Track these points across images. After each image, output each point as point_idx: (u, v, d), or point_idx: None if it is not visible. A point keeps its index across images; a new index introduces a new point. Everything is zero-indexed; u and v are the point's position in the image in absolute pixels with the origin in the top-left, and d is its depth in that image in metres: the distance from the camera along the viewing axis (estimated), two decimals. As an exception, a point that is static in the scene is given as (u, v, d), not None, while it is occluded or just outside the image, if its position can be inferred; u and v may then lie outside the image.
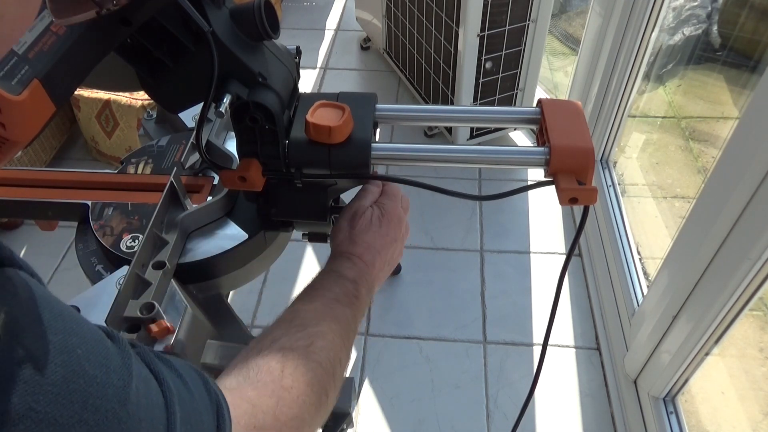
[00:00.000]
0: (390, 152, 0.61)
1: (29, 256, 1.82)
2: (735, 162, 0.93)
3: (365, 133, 0.59)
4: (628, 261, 1.54)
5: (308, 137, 0.58)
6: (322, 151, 0.58)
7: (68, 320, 0.29)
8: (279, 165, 0.59)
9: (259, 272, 0.80)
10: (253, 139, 0.58)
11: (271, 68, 0.57)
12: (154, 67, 0.54)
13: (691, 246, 1.06)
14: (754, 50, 2.21)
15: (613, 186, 1.75)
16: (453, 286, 1.70)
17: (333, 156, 0.58)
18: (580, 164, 0.55)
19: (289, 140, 0.59)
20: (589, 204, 0.56)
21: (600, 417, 1.43)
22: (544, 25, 1.77)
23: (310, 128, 0.57)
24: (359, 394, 1.48)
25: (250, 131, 0.58)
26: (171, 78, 0.55)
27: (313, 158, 0.59)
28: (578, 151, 0.56)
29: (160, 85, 0.56)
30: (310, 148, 0.58)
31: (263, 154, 0.59)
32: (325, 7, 2.95)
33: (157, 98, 0.59)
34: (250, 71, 0.54)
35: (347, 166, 0.59)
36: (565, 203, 0.55)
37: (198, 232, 0.73)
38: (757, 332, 1.50)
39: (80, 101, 1.94)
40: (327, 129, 0.56)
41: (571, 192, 0.54)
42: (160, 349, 0.59)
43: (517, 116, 0.66)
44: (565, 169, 0.56)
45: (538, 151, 0.57)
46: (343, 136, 0.57)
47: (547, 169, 0.57)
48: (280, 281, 1.72)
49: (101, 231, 0.72)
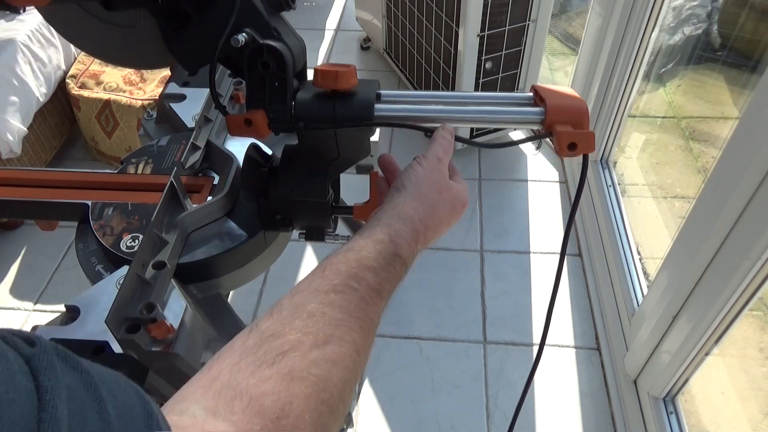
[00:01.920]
0: (391, 113, 0.62)
1: (29, 256, 1.82)
2: (735, 162, 0.93)
3: (369, 93, 0.61)
4: (628, 261, 1.54)
5: (315, 86, 0.60)
6: (328, 105, 0.60)
7: None
8: (285, 117, 0.61)
9: (259, 272, 0.80)
10: (262, 89, 0.61)
11: (285, 32, 0.61)
12: (179, 20, 0.60)
13: (691, 246, 1.06)
14: (754, 50, 2.21)
15: (613, 186, 1.75)
16: (453, 286, 1.70)
17: (338, 108, 0.60)
18: (576, 117, 0.57)
19: (296, 97, 0.62)
20: (588, 151, 0.57)
21: (600, 417, 1.43)
22: (544, 25, 1.77)
23: (318, 75, 0.59)
24: (359, 394, 1.48)
25: (260, 81, 0.60)
26: (194, 31, 0.60)
27: (319, 110, 0.61)
28: (572, 107, 0.58)
29: (183, 39, 0.61)
30: (316, 102, 0.61)
31: (271, 107, 0.61)
32: (325, 7, 2.95)
33: (179, 54, 0.63)
34: (268, 24, 0.59)
35: (351, 118, 0.61)
36: (564, 151, 0.55)
37: (198, 232, 0.73)
38: (757, 332, 1.50)
39: (80, 101, 1.94)
40: (334, 73, 0.58)
41: (569, 137, 0.55)
42: (160, 349, 0.59)
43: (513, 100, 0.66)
44: (560, 121, 0.57)
45: (535, 111, 0.59)
46: (348, 83, 0.59)
47: (543, 125, 0.58)
48: (280, 281, 1.72)
49: (101, 231, 0.72)
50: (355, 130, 0.62)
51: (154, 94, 1.90)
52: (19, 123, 1.76)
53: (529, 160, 2.08)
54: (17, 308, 1.69)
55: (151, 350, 0.58)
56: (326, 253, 0.64)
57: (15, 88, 1.76)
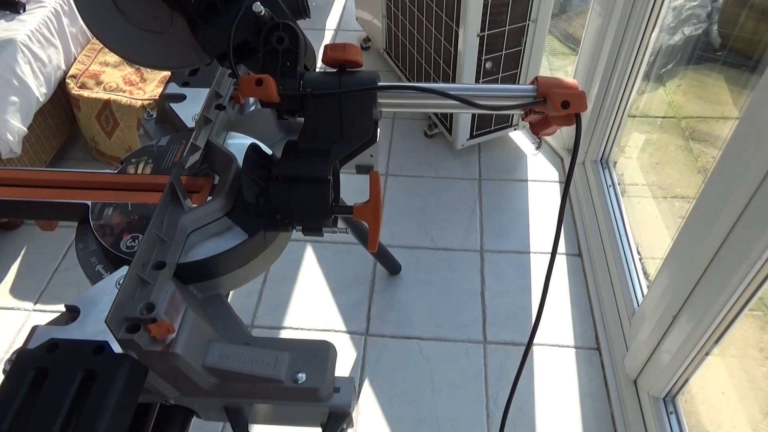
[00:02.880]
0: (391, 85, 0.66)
1: (29, 256, 1.82)
2: (735, 162, 0.93)
3: (372, 73, 0.66)
4: (628, 261, 1.54)
5: (323, 61, 0.65)
6: (334, 77, 0.65)
7: None
8: (294, 86, 0.65)
9: (259, 272, 0.80)
10: (275, 65, 0.65)
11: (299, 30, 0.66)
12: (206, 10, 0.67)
13: (691, 246, 1.06)
14: (754, 50, 2.21)
15: (613, 186, 1.76)
16: (453, 286, 1.70)
17: (344, 79, 0.65)
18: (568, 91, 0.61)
19: (305, 76, 0.66)
20: (581, 110, 0.60)
21: (600, 417, 1.43)
22: (544, 25, 1.77)
23: (327, 49, 0.64)
24: (359, 394, 1.48)
25: (273, 57, 0.65)
26: (219, 20, 0.67)
27: (326, 82, 0.65)
28: (565, 83, 0.62)
29: (208, 27, 0.68)
30: (324, 76, 0.65)
31: (282, 82, 0.65)
32: (325, 7, 2.95)
33: (203, 40, 0.70)
34: (284, 13, 0.65)
35: (356, 86, 0.65)
36: (558, 109, 0.59)
37: (198, 232, 0.73)
38: (757, 332, 1.50)
39: (80, 101, 1.94)
40: (342, 45, 0.64)
41: (561, 95, 0.59)
42: (160, 349, 0.59)
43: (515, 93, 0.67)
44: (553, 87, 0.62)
45: (528, 88, 0.63)
46: (355, 55, 0.64)
47: (536, 95, 0.62)
48: (280, 281, 1.72)
49: (101, 231, 0.72)
50: (358, 108, 0.66)
51: (154, 94, 1.90)
52: (19, 123, 1.76)
53: (529, 160, 2.08)
54: (17, 308, 1.69)
55: (150, 350, 0.58)
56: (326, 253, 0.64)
57: (15, 88, 1.76)
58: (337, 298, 1.68)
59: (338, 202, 0.73)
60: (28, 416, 0.53)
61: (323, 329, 1.61)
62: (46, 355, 0.57)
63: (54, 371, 0.56)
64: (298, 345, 0.68)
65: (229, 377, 0.65)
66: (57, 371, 0.56)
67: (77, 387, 0.55)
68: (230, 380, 0.65)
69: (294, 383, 0.65)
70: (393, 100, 0.67)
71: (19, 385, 0.55)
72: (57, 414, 0.53)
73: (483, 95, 0.65)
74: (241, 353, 0.65)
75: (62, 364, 0.57)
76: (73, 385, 0.55)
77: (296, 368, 0.66)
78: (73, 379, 0.55)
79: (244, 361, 0.64)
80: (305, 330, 1.61)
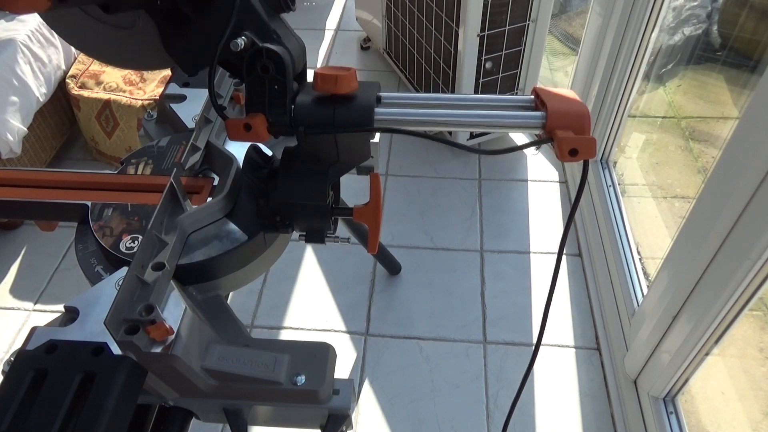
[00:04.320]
0: (391, 116, 0.62)
1: (29, 256, 1.82)
2: (735, 162, 0.93)
3: (369, 97, 0.61)
4: (628, 261, 1.54)
5: (314, 90, 0.60)
6: (327, 109, 0.60)
7: None
8: (285, 121, 0.61)
9: (259, 273, 0.80)
10: (262, 93, 0.60)
11: (285, 35, 0.61)
12: (177, 22, 0.59)
13: (691, 246, 1.06)
14: (754, 50, 2.21)
15: (613, 186, 1.75)
16: (453, 286, 1.70)
17: (337, 113, 0.60)
18: (577, 122, 0.56)
19: (296, 101, 0.61)
20: (589, 157, 0.56)
21: (600, 417, 1.43)
22: (544, 25, 1.77)
23: (318, 78, 0.59)
24: (359, 395, 1.48)
25: (260, 85, 0.60)
26: (193, 33, 0.60)
27: (319, 114, 0.60)
28: (574, 111, 0.57)
29: (181, 41, 0.61)
30: (316, 106, 0.60)
31: (271, 110, 0.61)
32: (325, 7, 2.95)
33: (178, 56, 0.63)
34: (267, 27, 0.59)
35: (350, 123, 0.60)
36: (565, 156, 0.55)
37: (198, 233, 0.73)
38: (757, 332, 1.50)
39: (80, 101, 1.94)
40: (333, 77, 0.58)
41: (570, 143, 0.55)
42: (159, 350, 0.59)
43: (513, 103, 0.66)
44: (561, 126, 0.57)
45: (535, 115, 0.59)
46: (348, 87, 0.59)
47: (544, 129, 0.58)
48: (280, 281, 1.72)
49: (101, 232, 0.72)
50: (355, 134, 0.62)
51: (155, 94, 1.90)
52: (19, 123, 1.76)
53: (529, 161, 2.08)
54: (17, 308, 1.69)
55: (150, 352, 0.58)
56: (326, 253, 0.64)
57: (15, 88, 1.76)
58: (337, 298, 1.68)
59: (338, 204, 0.73)
60: (26, 417, 0.53)
61: (323, 329, 1.61)
62: (45, 357, 0.57)
63: (53, 372, 0.56)
64: (298, 347, 0.68)
65: (228, 379, 0.65)
66: (56, 372, 0.56)
67: (76, 388, 0.55)
68: (229, 382, 0.65)
69: (293, 385, 0.65)
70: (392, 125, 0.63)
71: (17, 387, 0.55)
72: (56, 415, 0.53)
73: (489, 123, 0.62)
74: (240, 355, 0.65)
75: (61, 365, 0.57)
76: (72, 387, 0.55)
77: (295, 370, 0.65)
78: (72, 380, 0.55)
79: (244, 363, 0.64)
80: (305, 330, 1.61)
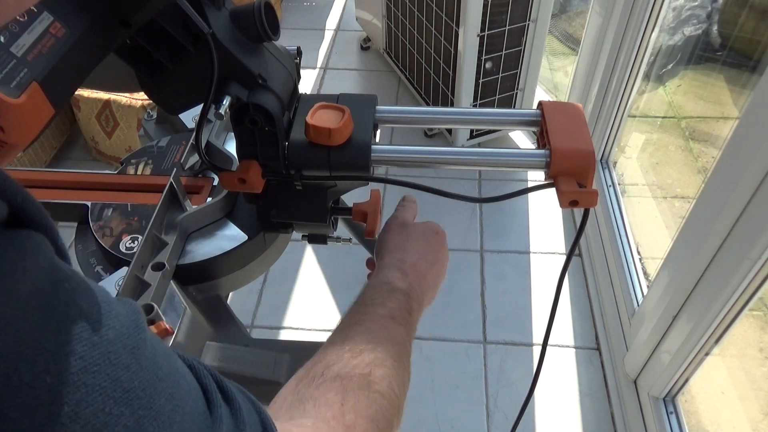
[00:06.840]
0: (390, 154, 0.60)
1: (29, 256, 1.82)
2: (735, 162, 0.93)
3: (365, 135, 0.59)
4: (628, 261, 1.54)
5: (308, 139, 0.58)
6: (322, 153, 0.58)
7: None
8: (279, 167, 0.59)
9: (259, 273, 0.80)
10: (252, 140, 0.58)
11: (270, 70, 0.57)
12: (153, 68, 0.54)
13: (691, 246, 1.06)
14: (754, 50, 2.21)
15: (613, 186, 1.75)
16: (453, 286, 1.70)
17: (333, 158, 0.58)
18: (581, 167, 0.55)
19: (289, 142, 0.58)
20: (590, 207, 0.56)
21: (600, 417, 1.43)
22: (544, 25, 1.77)
23: (310, 130, 0.57)
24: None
25: (249, 133, 0.57)
26: (170, 80, 0.55)
27: (313, 160, 0.58)
28: (579, 154, 0.55)
29: (159, 86, 0.56)
30: (310, 149, 0.58)
31: (263, 155, 0.59)
32: (325, 7, 2.95)
33: (157, 100, 0.58)
34: (250, 73, 0.54)
35: (347, 167, 0.58)
36: (566, 206, 0.55)
37: (197, 233, 0.73)
38: (757, 332, 1.50)
39: (80, 101, 1.94)
40: (327, 131, 0.56)
41: (571, 195, 0.54)
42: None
43: (517, 118, 0.66)
44: (565, 171, 0.55)
45: (538, 154, 0.57)
46: (342, 138, 0.57)
47: (548, 171, 0.56)
48: (280, 281, 1.72)
49: (101, 232, 0.72)
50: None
51: (154, 94, 1.90)
52: (18, 123, 1.76)
53: (529, 160, 2.08)
54: (17, 308, 1.69)
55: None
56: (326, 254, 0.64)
57: (15, 88, 1.76)
58: (337, 298, 1.68)
59: (338, 203, 0.73)
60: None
61: (323, 329, 1.61)
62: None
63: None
64: (298, 346, 0.68)
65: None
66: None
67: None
68: (230, 381, 0.65)
69: (293, 384, 0.65)
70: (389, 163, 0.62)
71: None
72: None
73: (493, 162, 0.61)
74: (240, 355, 0.65)
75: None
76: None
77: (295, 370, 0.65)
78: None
79: (243, 363, 0.64)
80: (305, 330, 1.61)
